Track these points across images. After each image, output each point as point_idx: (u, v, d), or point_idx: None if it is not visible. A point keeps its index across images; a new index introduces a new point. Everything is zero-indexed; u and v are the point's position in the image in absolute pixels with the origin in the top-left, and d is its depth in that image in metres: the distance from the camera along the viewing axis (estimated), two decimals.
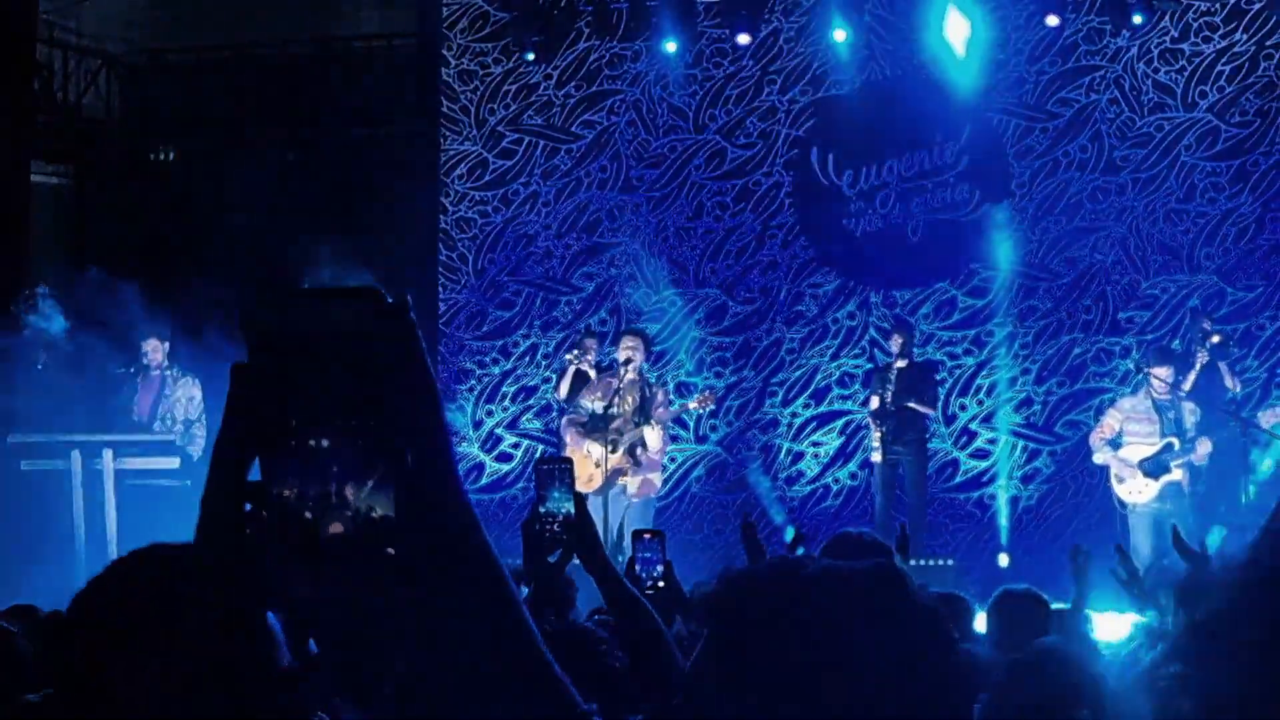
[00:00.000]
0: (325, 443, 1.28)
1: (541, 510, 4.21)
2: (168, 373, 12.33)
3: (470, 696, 1.34)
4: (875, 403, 12.48)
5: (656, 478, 12.24)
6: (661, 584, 4.78)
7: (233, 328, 1.38)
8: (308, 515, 1.27)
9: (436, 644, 1.33)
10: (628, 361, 11.96)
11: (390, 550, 1.28)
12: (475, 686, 1.34)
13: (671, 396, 12.70)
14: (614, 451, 11.82)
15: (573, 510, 4.21)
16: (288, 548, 1.28)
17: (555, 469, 4.30)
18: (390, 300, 1.31)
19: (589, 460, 11.84)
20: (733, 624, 1.79)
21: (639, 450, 11.90)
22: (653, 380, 12.55)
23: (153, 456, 11.34)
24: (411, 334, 1.31)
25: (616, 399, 11.90)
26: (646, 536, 4.93)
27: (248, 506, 1.31)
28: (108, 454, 11.23)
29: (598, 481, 11.76)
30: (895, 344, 12.58)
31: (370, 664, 1.46)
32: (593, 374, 12.62)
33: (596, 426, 11.85)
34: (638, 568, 4.81)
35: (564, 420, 12.15)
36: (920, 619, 1.76)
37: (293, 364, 1.28)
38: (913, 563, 11.00)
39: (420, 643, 1.33)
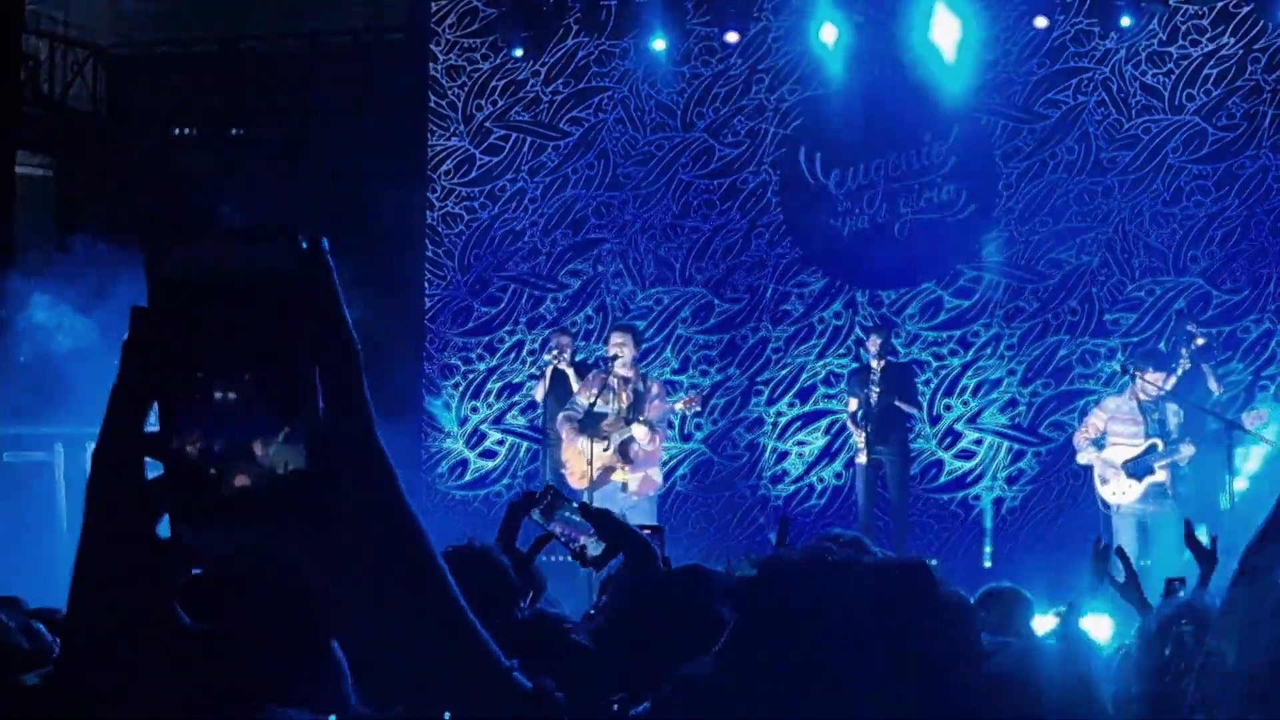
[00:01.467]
0: (231, 392, 1.20)
1: (560, 537, 4.21)
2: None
3: (386, 652, 1.31)
4: (854, 404, 12.46)
5: (656, 473, 12.14)
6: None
7: None
8: (209, 468, 1.20)
9: (349, 600, 1.28)
10: (615, 358, 11.93)
11: (300, 505, 1.22)
12: (391, 643, 1.30)
13: (665, 395, 12.62)
14: (606, 450, 11.80)
15: (591, 527, 4.23)
16: (187, 502, 1.21)
17: (544, 501, 4.31)
18: (304, 241, 1.24)
19: (582, 457, 11.82)
20: (761, 608, 1.79)
21: (632, 447, 11.88)
22: (645, 374, 12.51)
23: None
24: (327, 277, 1.24)
25: (610, 395, 11.87)
26: (646, 532, 4.95)
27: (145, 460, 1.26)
28: (91, 446, 11.18)
29: (589, 479, 11.76)
30: (874, 345, 12.53)
31: (277, 621, 1.41)
32: (570, 372, 12.59)
33: (590, 422, 11.83)
34: None
35: (560, 416, 12.11)
36: (944, 613, 1.75)
37: (198, 307, 1.21)
38: None
39: (331, 598, 1.28)
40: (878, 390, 12.27)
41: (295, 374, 1.22)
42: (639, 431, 11.83)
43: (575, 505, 4.51)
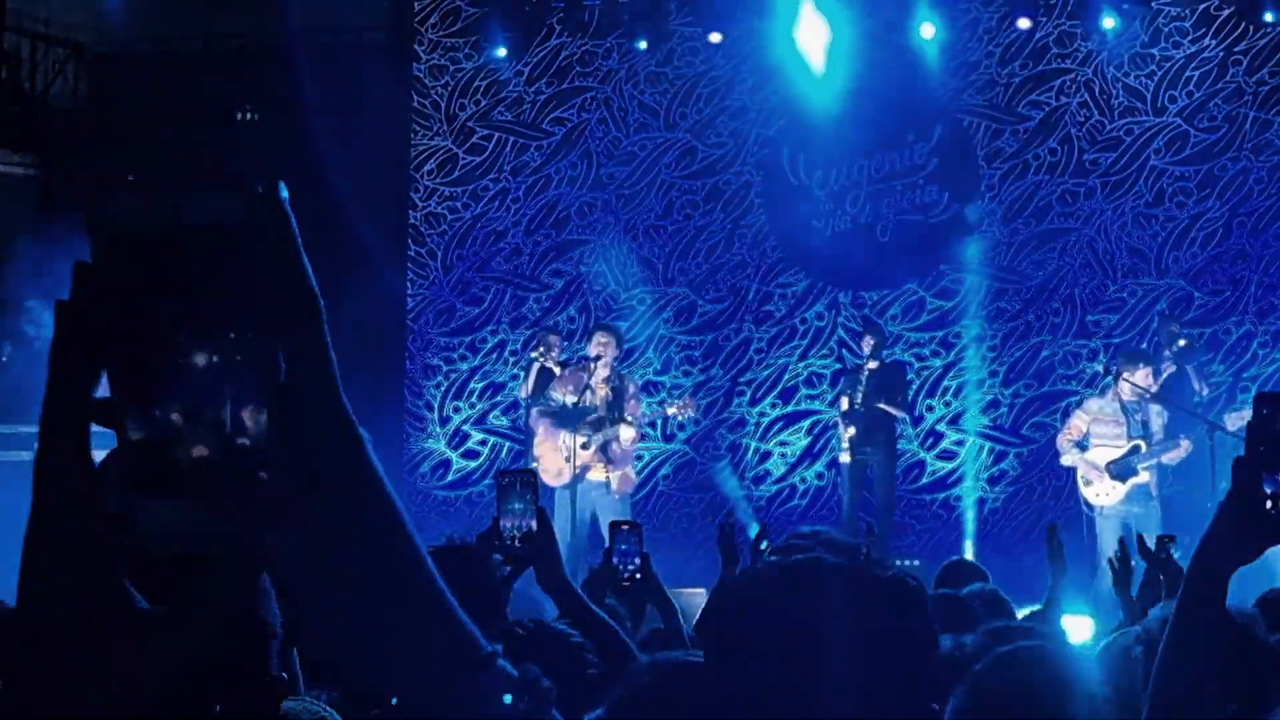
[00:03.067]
0: (186, 353, 1.12)
1: (502, 524, 4.13)
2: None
3: (358, 632, 1.24)
4: (845, 403, 12.45)
5: (632, 471, 12.18)
6: (639, 575, 4.75)
7: None
8: (165, 438, 1.12)
9: (317, 577, 1.20)
10: (598, 357, 11.91)
11: (263, 474, 1.14)
12: (363, 622, 1.23)
13: (641, 395, 12.58)
14: (585, 448, 11.77)
15: (534, 525, 4.14)
16: (142, 473, 1.13)
17: (517, 481, 4.21)
18: (261, 190, 1.15)
19: (558, 454, 11.80)
20: (722, 629, 1.77)
21: (613, 446, 11.85)
22: (624, 374, 12.49)
23: None
24: (286, 227, 1.16)
25: (589, 394, 11.85)
26: (624, 528, 4.89)
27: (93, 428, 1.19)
28: None
29: (567, 475, 11.74)
30: (868, 345, 12.52)
31: (242, 597, 1.35)
32: (557, 370, 12.57)
33: (568, 419, 11.80)
34: (615, 559, 4.78)
35: (533, 411, 12.09)
36: (879, 598, 1.73)
37: (147, 263, 1.13)
38: None
39: (300, 575, 1.21)
40: (865, 391, 12.27)
41: (253, 333, 1.15)
42: (625, 432, 11.82)
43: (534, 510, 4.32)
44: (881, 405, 12.30)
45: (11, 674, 1.30)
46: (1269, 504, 2.27)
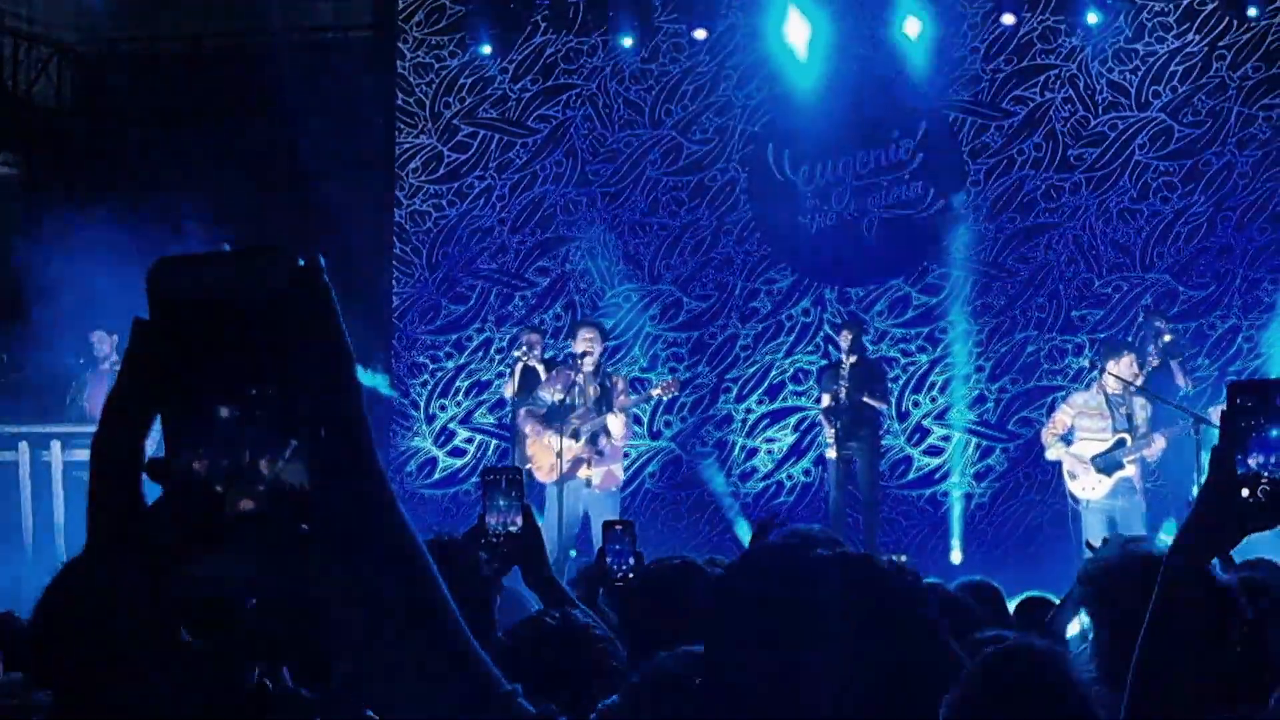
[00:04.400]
0: (233, 412, 1.21)
1: (487, 521, 4.13)
2: (119, 366, 12.20)
3: (386, 674, 1.31)
4: (828, 400, 12.45)
5: (618, 469, 12.12)
6: (631, 575, 4.74)
7: None
8: (214, 489, 1.20)
9: (350, 621, 1.29)
10: (585, 354, 11.89)
11: (303, 526, 1.22)
12: (391, 663, 1.31)
13: (630, 391, 12.57)
14: (576, 441, 11.76)
15: (519, 522, 4.14)
16: (190, 524, 1.20)
17: (503, 478, 4.22)
18: (302, 262, 1.25)
19: (550, 450, 11.79)
20: (745, 596, 1.79)
21: (602, 439, 11.84)
22: (611, 371, 12.48)
23: None
24: (325, 297, 1.26)
25: (576, 390, 11.84)
26: (617, 528, 4.88)
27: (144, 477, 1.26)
28: (55, 445, 11.13)
29: (558, 472, 11.73)
30: (845, 340, 12.51)
31: (281, 642, 1.42)
32: (541, 369, 12.55)
33: (557, 416, 11.79)
34: (608, 559, 4.77)
35: (522, 412, 12.08)
36: (913, 603, 1.75)
37: (200, 327, 1.22)
38: None
39: (333, 620, 1.29)
40: (847, 386, 12.26)
41: (295, 395, 1.23)
42: (613, 422, 11.78)
43: (520, 507, 4.31)
44: (864, 399, 12.31)
45: (61, 703, 1.36)
46: (1244, 491, 2.29)
